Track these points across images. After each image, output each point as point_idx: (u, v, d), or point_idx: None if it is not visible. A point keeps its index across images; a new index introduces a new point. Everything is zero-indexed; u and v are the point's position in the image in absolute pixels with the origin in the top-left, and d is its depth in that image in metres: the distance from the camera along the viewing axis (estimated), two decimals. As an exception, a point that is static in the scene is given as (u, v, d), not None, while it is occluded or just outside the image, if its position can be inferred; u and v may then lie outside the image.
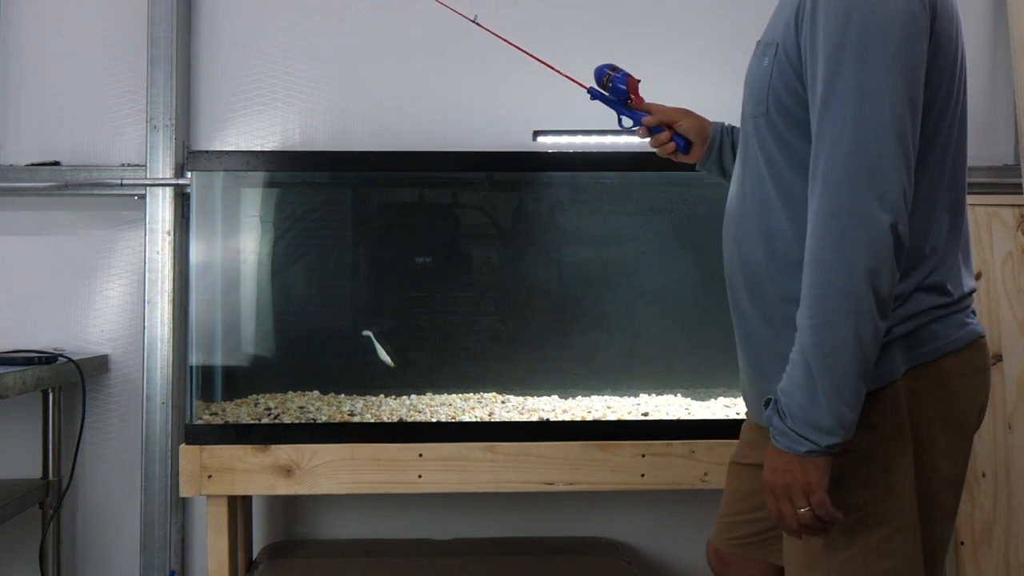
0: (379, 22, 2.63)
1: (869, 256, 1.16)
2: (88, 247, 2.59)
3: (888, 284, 1.18)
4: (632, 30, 2.64)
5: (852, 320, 1.16)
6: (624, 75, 1.69)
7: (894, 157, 1.17)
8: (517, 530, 2.61)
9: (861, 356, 1.17)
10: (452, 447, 2.16)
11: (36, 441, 2.49)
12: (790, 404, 1.21)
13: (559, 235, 2.55)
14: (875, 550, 1.25)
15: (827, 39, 1.20)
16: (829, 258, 1.18)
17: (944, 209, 1.30)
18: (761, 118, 1.33)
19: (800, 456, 1.20)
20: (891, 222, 1.16)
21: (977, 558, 2.30)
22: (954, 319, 1.29)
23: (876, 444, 1.25)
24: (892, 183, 1.17)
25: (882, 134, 1.17)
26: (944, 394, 1.27)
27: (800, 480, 1.21)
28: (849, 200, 1.17)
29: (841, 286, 1.17)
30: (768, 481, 1.25)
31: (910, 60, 1.19)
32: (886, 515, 1.25)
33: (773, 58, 1.31)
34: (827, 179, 1.19)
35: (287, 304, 2.55)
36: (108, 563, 2.59)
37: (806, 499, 1.21)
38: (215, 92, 2.61)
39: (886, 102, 1.17)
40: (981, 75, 2.70)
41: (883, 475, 1.25)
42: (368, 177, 2.53)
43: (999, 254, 2.41)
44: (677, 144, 1.67)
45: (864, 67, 1.18)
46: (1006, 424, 2.35)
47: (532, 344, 2.54)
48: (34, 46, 2.60)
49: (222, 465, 2.13)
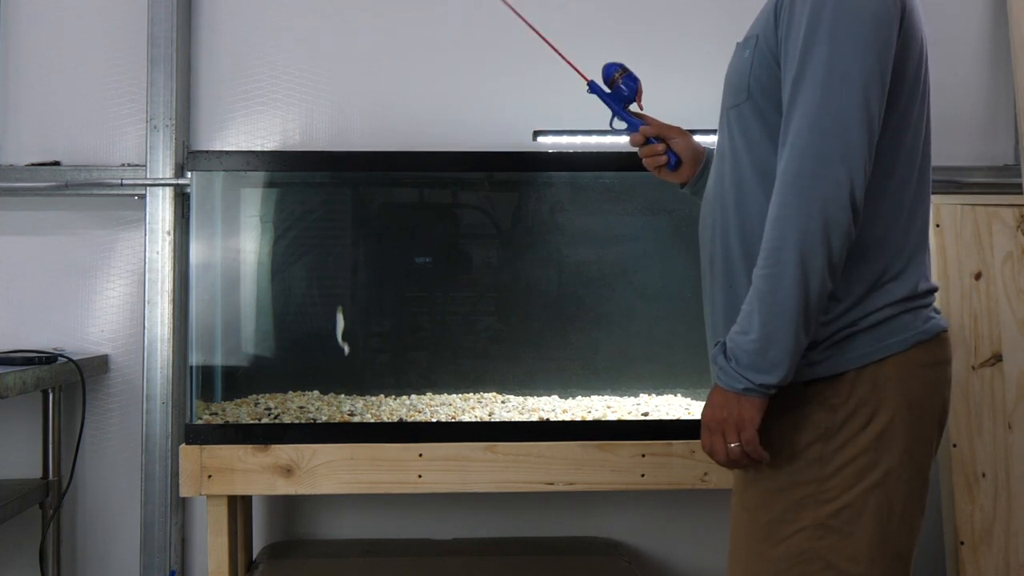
0: (379, 22, 2.63)
1: (826, 215, 1.23)
2: (88, 247, 2.59)
3: (841, 243, 1.25)
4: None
5: (801, 272, 1.24)
6: (635, 79, 1.69)
7: (859, 129, 1.25)
8: (517, 530, 2.61)
9: (805, 307, 1.25)
10: (452, 447, 2.16)
11: (36, 441, 2.49)
12: (734, 347, 1.29)
13: (559, 235, 2.55)
14: (822, 525, 1.30)
15: (802, 22, 1.29)
16: (788, 214, 1.25)
17: (914, 205, 1.36)
18: (744, 104, 1.39)
19: (737, 393, 1.29)
20: (850, 184, 1.24)
21: (977, 558, 2.30)
22: (921, 313, 1.36)
23: (833, 425, 1.31)
24: (855, 151, 1.25)
25: (849, 108, 1.25)
26: (910, 382, 1.33)
27: (735, 416, 1.29)
28: (812, 163, 1.25)
29: (796, 239, 1.24)
30: (705, 416, 1.34)
31: (880, 44, 1.27)
32: (835, 492, 1.30)
33: (754, 49, 1.39)
34: (794, 144, 1.27)
35: (287, 304, 2.55)
36: (108, 563, 2.59)
37: (737, 435, 1.29)
38: (215, 92, 2.61)
39: (855, 80, 1.26)
40: (981, 75, 2.70)
41: (836, 455, 1.31)
42: (368, 177, 2.53)
43: (999, 254, 2.41)
44: (669, 159, 1.68)
45: (835, 47, 1.26)
46: (1006, 424, 2.35)
47: (532, 344, 2.54)
48: (34, 46, 2.60)
49: (222, 465, 2.13)
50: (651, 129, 1.68)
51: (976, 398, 2.35)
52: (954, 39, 2.69)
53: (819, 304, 1.26)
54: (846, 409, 1.31)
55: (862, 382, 1.31)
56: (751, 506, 1.36)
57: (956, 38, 2.70)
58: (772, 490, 1.34)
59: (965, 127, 2.69)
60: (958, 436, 2.33)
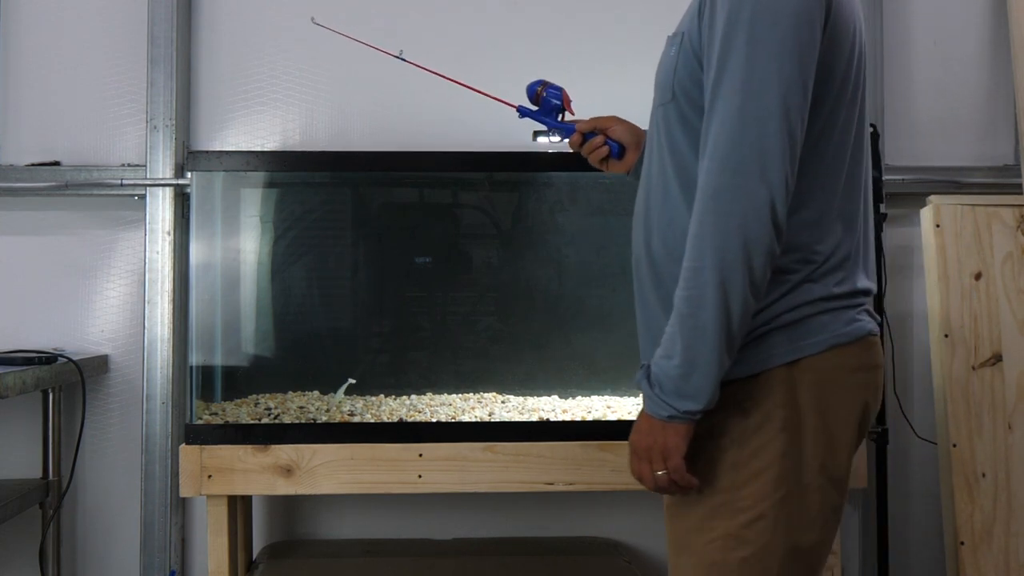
0: (379, 22, 2.63)
1: (745, 232, 1.18)
2: (88, 247, 2.59)
3: (762, 261, 1.20)
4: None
5: (721, 294, 1.19)
6: (558, 89, 1.71)
7: (778, 138, 1.19)
8: (517, 530, 2.61)
9: (728, 330, 1.20)
10: (452, 447, 2.15)
11: (36, 441, 2.49)
12: (658, 372, 1.25)
13: (559, 235, 2.55)
14: (734, 536, 1.26)
15: (722, 24, 1.23)
16: (706, 232, 1.20)
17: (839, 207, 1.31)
18: (669, 104, 1.35)
19: (662, 421, 1.25)
20: (770, 200, 1.19)
21: (977, 558, 2.30)
22: (843, 314, 1.30)
23: (747, 429, 1.27)
24: (774, 162, 1.19)
25: (767, 115, 1.19)
26: (826, 387, 1.28)
27: (660, 444, 1.26)
28: (730, 177, 1.20)
29: (715, 260, 1.19)
30: (632, 441, 1.30)
31: (800, 46, 1.21)
32: (748, 502, 1.26)
33: (679, 47, 1.34)
34: (712, 156, 1.22)
35: (287, 304, 2.55)
36: (108, 563, 2.59)
37: (663, 462, 1.26)
38: (215, 92, 2.61)
39: (773, 85, 1.19)
40: (981, 75, 2.70)
41: (750, 461, 1.27)
42: (368, 177, 2.53)
43: (999, 254, 2.41)
44: (611, 149, 1.66)
45: (753, 51, 1.20)
46: (1006, 424, 2.35)
47: (532, 344, 2.54)
48: (34, 46, 2.60)
49: (222, 465, 2.13)
50: (585, 124, 1.68)
51: (976, 398, 2.35)
52: (954, 39, 2.69)
53: (742, 325, 1.22)
54: (760, 413, 1.27)
55: (776, 384, 1.27)
56: (672, 515, 1.34)
57: (956, 38, 2.70)
58: (689, 499, 1.31)
59: (965, 127, 2.69)
60: (958, 436, 2.33)
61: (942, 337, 2.37)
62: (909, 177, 2.61)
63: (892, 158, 2.63)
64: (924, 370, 2.60)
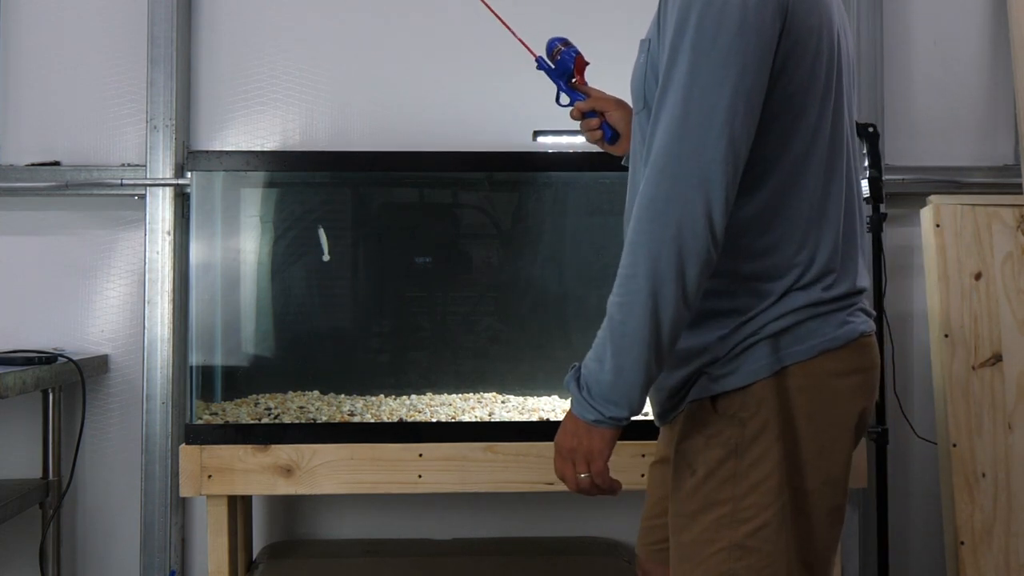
0: (379, 22, 2.63)
1: (679, 241, 1.17)
2: (88, 247, 2.59)
3: (696, 271, 1.18)
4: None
5: (652, 303, 1.18)
6: (574, 52, 1.67)
7: (718, 147, 1.17)
8: (517, 530, 2.61)
9: (657, 339, 1.19)
10: (452, 447, 2.16)
11: (36, 441, 2.49)
12: (587, 375, 1.24)
13: (559, 235, 2.55)
14: (739, 546, 1.26)
15: (671, 32, 1.21)
16: (641, 240, 1.19)
17: (822, 213, 1.29)
18: (642, 113, 1.34)
19: (588, 424, 1.24)
20: (706, 209, 1.17)
21: (977, 558, 2.30)
22: (833, 317, 1.29)
23: (744, 440, 1.26)
24: (714, 172, 1.17)
25: (708, 124, 1.17)
26: (819, 392, 1.28)
27: (585, 446, 1.25)
28: (668, 186, 1.18)
29: (647, 268, 1.18)
30: (557, 441, 1.29)
31: (747, 51, 1.18)
32: (752, 511, 1.26)
33: (646, 54, 1.33)
34: (653, 164, 1.20)
35: (287, 304, 2.55)
36: (108, 563, 2.59)
37: (587, 465, 1.26)
38: (215, 92, 2.61)
39: (716, 92, 1.17)
40: (981, 75, 2.70)
41: (749, 471, 1.26)
42: (368, 177, 2.53)
43: (999, 254, 2.41)
44: (605, 133, 1.67)
45: (697, 57, 1.18)
46: (1006, 424, 2.35)
47: (532, 344, 2.54)
48: (34, 46, 2.60)
49: (222, 465, 2.13)
50: (587, 104, 1.67)
51: (976, 398, 2.35)
52: (954, 39, 2.70)
53: (673, 334, 1.20)
54: (756, 423, 1.26)
55: (769, 394, 1.26)
56: (677, 528, 1.33)
57: (956, 38, 2.70)
58: (692, 511, 1.30)
59: (965, 127, 2.69)
60: (958, 436, 2.34)
61: (942, 337, 2.37)
62: (909, 177, 2.61)
63: (892, 158, 2.63)
64: (924, 370, 2.60)
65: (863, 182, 2.38)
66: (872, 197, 2.39)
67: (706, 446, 1.28)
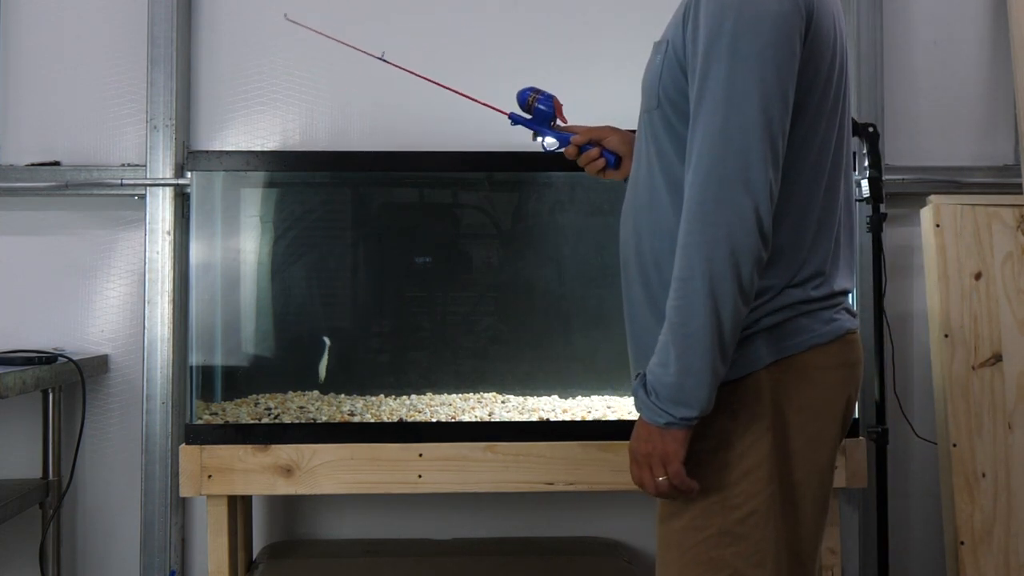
0: (379, 22, 2.63)
1: (731, 241, 1.22)
2: (88, 247, 2.59)
3: (750, 268, 1.23)
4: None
5: (711, 302, 1.22)
6: (549, 96, 1.71)
7: (760, 149, 1.23)
8: (517, 530, 2.61)
9: (720, 337, 1.24)
10: (452, 447, 2.16)
11: (36, 441, 2.49)
12: (653, 380, 1.28)
13: (559, 235, 2.55)
14: (728, 532, 1.30)
15: (704, 36, 1.26)
16: (694, 242, 1.24)
17: (818, 213, 1.34)
18: (654, 111, 1.38)
19: (660, 428, 1.28)
20: (754, 209, 1.22)
21: (977, 558, 2.30)
22: (822, 315, 1.35)
23: (735, 430, 1.32)
24: (757, 173, 1.23)
25: (749, 127, 1.23)
26: (808, 385, 1.33)
27: (659, 450, 1.29)
28: (715, 188, 1.23)
29: (703, 269, 1.23)
30: (632, 448, 1.33)
31: (780, 57, 1.24)
32: (741, 499, 1.31)
33: (664, 55, 1.37)
34: (697, 168, 1.25)
35: (287, 304, 2.55)
36: (108, 563, 2.59)
37: (663, 468, 1.29)
38: (215, 92, 2.61)
39: (754, 96, 1.23)
40: (981, 75, 2.70)
41: (740, 460, 1.31)
42: (368, 177, 2.53)
43: (999, 254, 2.41)
44: (607, 160, 1.69)
45: (734, 63, 1.23)
46: (1006, 424, 2.35)
47: (532, 344, 2.54)
48: (34, 46, 2.60)
49: (222, 465, 2.13)
50: (581, 137, 1.70)
51: (976, 398, 2.35)
52: (954, 39, 2.69)
53: (734, 332, 1.25)
54: (747, 413, 1.31)
55: (760, 386, 1.31)
56: (665, 516, 1.37)
57: (956, 38, 2.70)
58: (683, 499, 1.34)
59: (965, 127, 2.69)
60: (958, 436, 2.34)
61: (942, 337, 2.37)
62: (909, 177, 2.61)
63: (892, 158, 2.63)
64: (924, 370, 2.59)
65: (863, 182, 2.39)
66: (872, 197, 2.39)
67: (698, 436, 1.32)
